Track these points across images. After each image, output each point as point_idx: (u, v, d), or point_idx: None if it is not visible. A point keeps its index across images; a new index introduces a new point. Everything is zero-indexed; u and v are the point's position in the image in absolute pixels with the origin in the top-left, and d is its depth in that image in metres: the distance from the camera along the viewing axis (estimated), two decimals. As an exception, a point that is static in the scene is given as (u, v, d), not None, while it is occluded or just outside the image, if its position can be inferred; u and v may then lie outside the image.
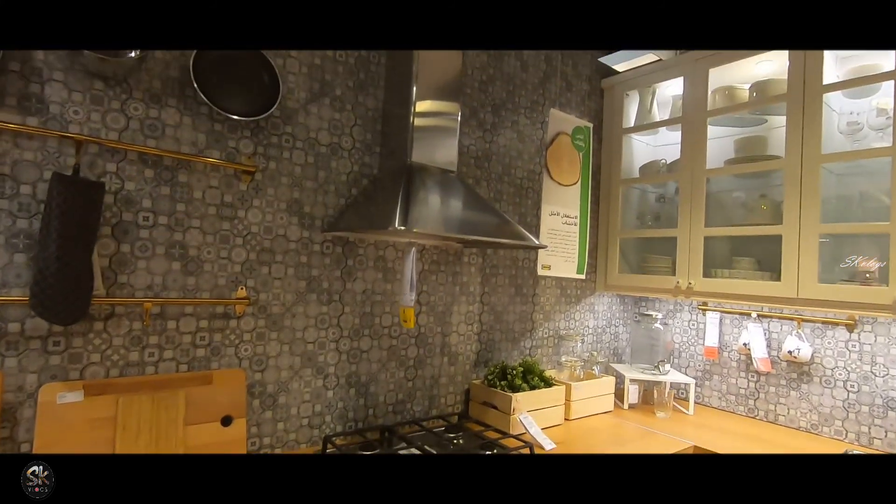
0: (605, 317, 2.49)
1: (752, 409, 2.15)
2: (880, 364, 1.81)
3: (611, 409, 2.11)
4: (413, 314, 1.42)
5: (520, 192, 2.06)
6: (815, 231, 1.70)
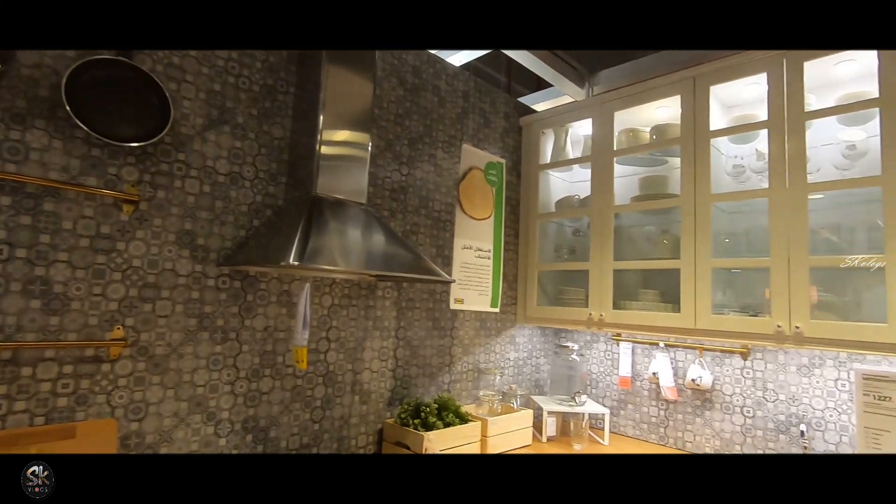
0: (526, 349, 2.50)
1: (663, 437, 2.21)
2: (770, 389, 1.93)
3: (529, 442, 2.10)
4: (305, 354, 1.35)
5: (437, 225, 2.06)
6: (708, 265, 1.81)
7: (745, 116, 1.91)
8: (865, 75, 1.68)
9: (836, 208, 1.76)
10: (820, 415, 1.81)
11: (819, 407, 1.81)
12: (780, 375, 1.91)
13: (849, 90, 1.69)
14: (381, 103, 1.88)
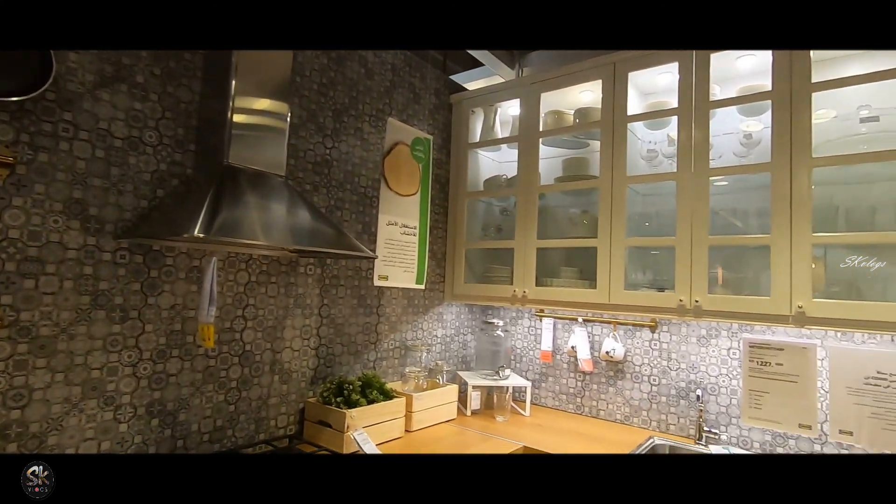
0: (454, 326, 2.54)
1: (580, 406, 2.34)
2: (674, 359, 2.09)
3: (454, 416, 2.15)
4: (213, 332, 1.28)
5: (363, 201, 2.01)
6: (622, 244, 1.91)
7: (658, 103, 2.02)
8: (763, 70, 1.82)
9: (735, 193, 1.92)
10: (714, 380, 1.99)
11: (714, 374, 1.99)
12: (683, 346, 2.08)
13: (748, 83, 1.83)
14: (302, 71, 1.79)
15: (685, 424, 2.04)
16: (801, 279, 1.54)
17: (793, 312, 1.55)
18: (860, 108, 1.63)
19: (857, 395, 1.49)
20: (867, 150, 1.55)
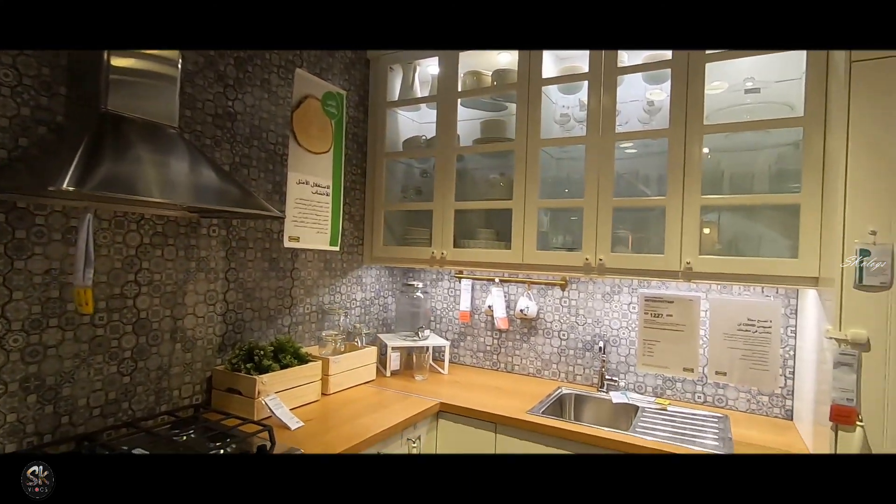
0: (374, 289, 2.52)
1: (496, 363, 2.45)
2: (581, 315, 2.23)
3: (374, 378, 2.16)
4: (91, 296, 1.16)
5: (273, 159, 1.90)
6: (535, 206, 1.97)
7: (572, 67, 2.06)
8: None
9: (641, 158, 2.03)
10: (616, 333, 2.15)
11: (616, 327, 2.15)
12: (589, 302, 2.21)
13: (654, 51, 1.91)
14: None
15: (590, 374, 2.21)
16: (691, 238, 1.68)
17: (682, 268, 1.70)
18: (746, 80, 1.77)
19: (731, 339, 1.68)
20: (749, 120, 1.70)
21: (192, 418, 1.52)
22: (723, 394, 1.94)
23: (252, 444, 1.34)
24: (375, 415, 1.71)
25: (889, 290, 1.25)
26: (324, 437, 1.49)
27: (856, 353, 1.28)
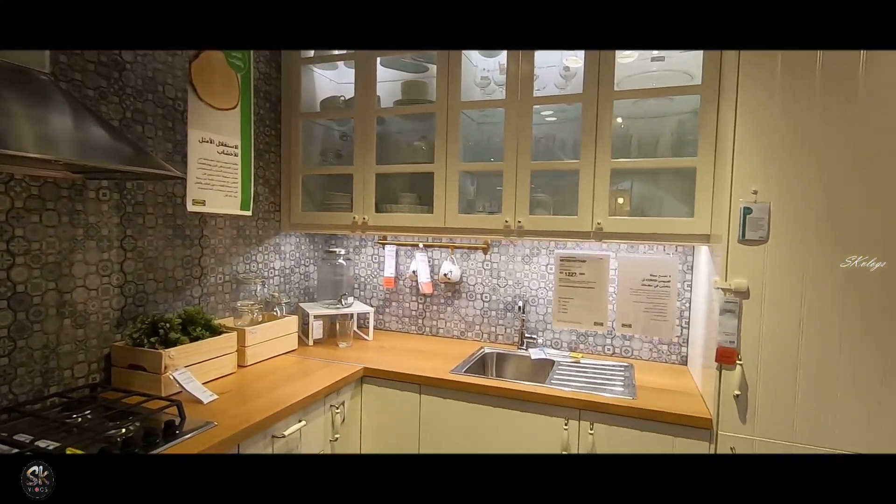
0: (294, 257, 2.43)
1: (421, 327, 2.47)
2: (503, 277, 2.30)
3: (295, 347, 2.10)
4: None
5: (172, 116, 1.73)
6: (456, 169, 1.97)
7: (492, 30, 2.04)
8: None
9: (559, 123, 2.08)
10: (535, 293, 2.24)
11: (534, 287, 2.24)
12: (510, 265, 2.28)
13: (569, 16, 1.94)
14: (67, -61, 1.39)
15: (511, 334, 2.30)
16: (601, 200, 1.77)
17: (594, 229, 1.79)
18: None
19: (636, 294, 1.82)
20: (655, 87, 1.79)
21: (88, 398, 1.40)
22: (629, 345, 2.11)
23: (159, 421, 1.26)
24: (296, 383, 1.67)
25: (766, 244, 1.40)
26: (240, 408, 1.44)
27: (738, 301, 1.43)
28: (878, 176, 1.30)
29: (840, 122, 1.32)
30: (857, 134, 1.31)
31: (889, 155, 1.29)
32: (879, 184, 1.30)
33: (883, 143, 1.29)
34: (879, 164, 1.29)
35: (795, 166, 1.37)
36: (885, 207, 1.29)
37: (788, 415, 1.39)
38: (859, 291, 1.32)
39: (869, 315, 1.32)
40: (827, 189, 1.34)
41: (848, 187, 1.32)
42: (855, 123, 1.31)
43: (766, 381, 1.41)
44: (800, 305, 1.37)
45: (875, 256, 1.31)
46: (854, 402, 1.33)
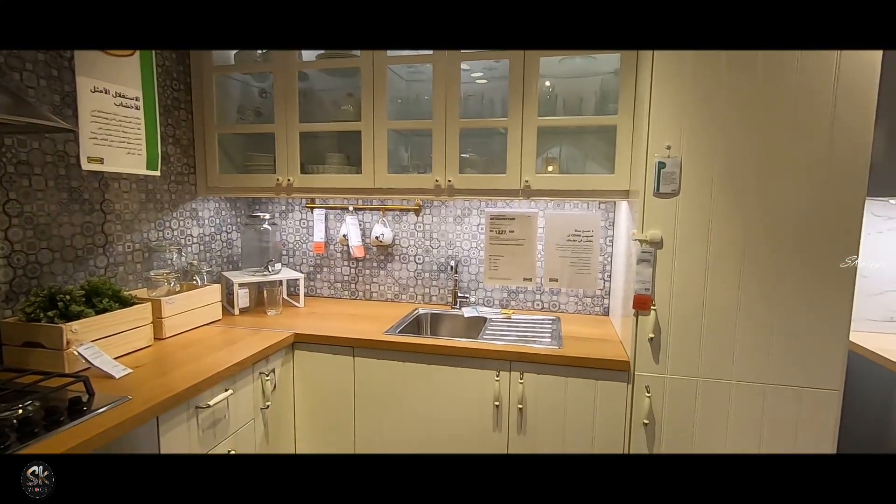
0: (214, 223, 2.28)
1: (354, 292, 2.43)
2: (435, 238, 2.30)
3: (220, 318, 2.00)
4: None
5: (57, 63, 1.52)
6: (385, 127, 1.92)
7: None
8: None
9: (489, 81, 2.06)
10: (467, 254, 2.27)
11: (466, 248, 2.26)
12: (442, 226, 2.28)
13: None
14: None
15: (444, 294, 2.32)
16: (529, 157, 1.80)
17: (522, 186, 1.82)
18: (577, 7, 1.87)
19: (562, 249, 1.89)
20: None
21: (-26, 381, 1.25)
22: (556, 300, 2.20)
23: (63, 399, 1.16)
24: (222, 352, 1.60)
25: (677, 197, 1.49)
26: (158, 380, 1.35)
27: (653, 251, 1.52)
28: (768, 142, 1.41)
29: (740, 94, 1.42)
30: (753, 105, 1.42)
31: (777, 126, 1.40)
32: (769, 148, 1.41)
33: (774, 116, 1.40)
34: (770, 133, 1.41)
35: (702, 128, 1.45)
36: (772, 168, 1.41)
37: (695, 353, 1.52)
38: (754, 239, 1.45)
39: (761, 260, 1.45)
40: (728, 149, 1.44)
41: (745, 149, 1.43)
42: (752, 96, 1.41)
43: (676, 323, 1.53)
44: (705, 253, 1.49)
45: (765, 208, 1.44)
46: (749, 337, 1.48)
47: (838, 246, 1.41)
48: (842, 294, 1.42)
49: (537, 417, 1.66)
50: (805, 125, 1.39)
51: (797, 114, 1.39)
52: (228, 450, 1.50)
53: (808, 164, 1.40)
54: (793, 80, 1.38)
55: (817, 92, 1.37)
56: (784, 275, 1.44)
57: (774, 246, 1.44)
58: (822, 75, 1.37)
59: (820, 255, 1.42)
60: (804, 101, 1.38)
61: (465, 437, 1.73)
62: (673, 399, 1.55)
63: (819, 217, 1.41)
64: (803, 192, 1.41)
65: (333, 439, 1.85)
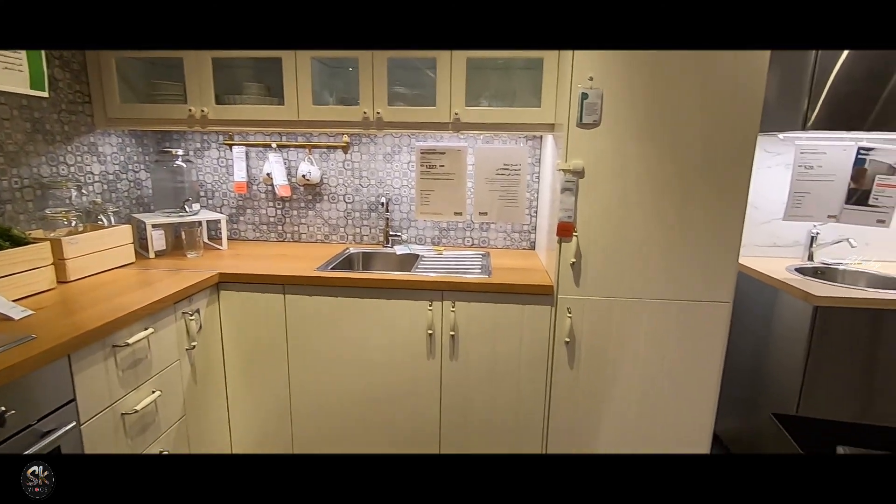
0: (118, 161, 2.07)
1: (282, 234, 2.35)
2: (365, 177, 2.26)
3: (133, 261, 1.86)
4: None
5: None
6: (307, 55, 1.81)
7: None
8: None
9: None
10: (398, 192, 2.25)
11: (398, 185, 2.25)
12: (372, 164, 2.24)
13: None
14: None
15: (376, 233, 2.31)
16: (458, 90, 1.78)
17: (451, 120, 1.81)
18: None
19: (491, 183, 1.93)
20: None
21: None
22: (486, 236, 2.27)
23: (-49, 340, 1.05)
24: (138, 292, 1.50)
25: (598, 128, 1.56)
26: (67, 320, 1.25)
27: (575, 180, 1.60)
28: (678, 76, 1.50)
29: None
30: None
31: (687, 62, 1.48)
32: (679, 83, 1.50)
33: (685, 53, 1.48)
34: (680, 67, 1.49)
35: (623, 61, 1.51)
36: (682, 101, 1.51)
37: (611, 275, 1.65)
38: (665, 169, 1.56)
39: (671, 188, 1.58)
40: (644, 82, 1.52)
41: (658, 82, 1.51)
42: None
43: (595, 248, 1.64)
44: (623, 181, 1.59)
45: (675, 140, 1.55)
46: (659, 259, 1.62)
47: (734, 175, 1.56)
48: (734, 219, 1.59)
49: (468, 343, 1.75)
50: (712, 62, 1.49)
51: (705, 51, 1.48)
52: (153, 390, 1.44)
53: (713, 99, 1.51)
54: (703, 15, 1.46)
55: (724, 27, 1.47)
56: (690, 202, 1.58)
57: (682, 176, 1.57)
58: (729, 11, 1.46)
59: (719, 184, 1.57)
60: (712, 36, 1.47)
61: (400, 366, 1.78)
62: (592, 318, 1.68)
63: (720, 149, 1.55)
64: (707, 125, 1.53)
65: (268, 377, 1.83)
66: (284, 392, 1.84)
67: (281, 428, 1.87)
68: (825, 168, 1.87)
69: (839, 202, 1.88)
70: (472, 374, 1.77)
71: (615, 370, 1.71)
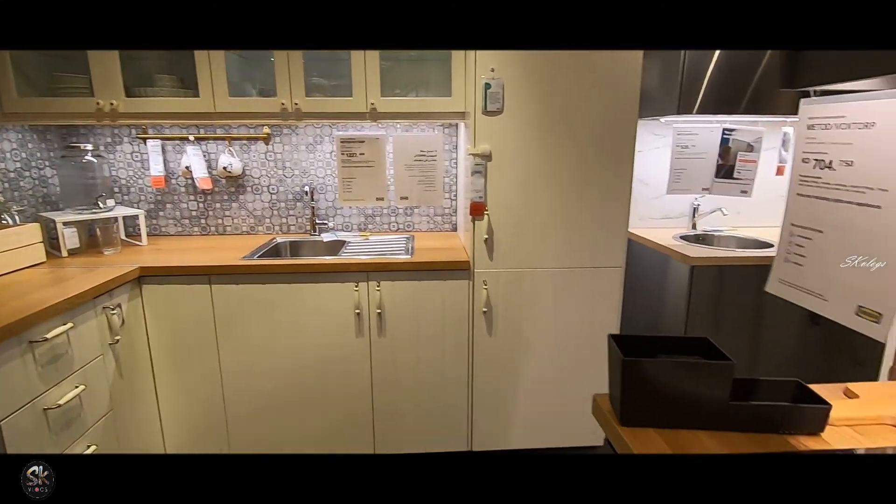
0: (19, 157, 1.98)
1: (206, 227, 2.34)
2: (288, 167, 2.29)
3: (44, 260, 1.80)
4: None
5: None
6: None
7: None
8: None
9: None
10: (322, 181, 2.31)
11: (321, 175, 2.31)
12: (295, 154, 2.28)
13: None
14: None
15: (303, 222, 2.36)
16: (373, 80, 1.88)
17: (368, 109, 1.90)
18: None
19: (410, 169, 2.05)
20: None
21: None
22: (410, 220, 2.39)
23: None
24: (52, 290, 1.48)
25: (502, 115, 1.72)
26: (-24, 319, 1.23)
27: (484, 163, 1.75)
28: (570, 68, 1.69)
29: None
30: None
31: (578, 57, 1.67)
32: (571, 74, 1.69)
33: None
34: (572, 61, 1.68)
35: (520, 55, 1.67)
36: (575, 90, 1.70)
37: (520, 248, 1.82)
38: (564, 151, 1.75)
39: (569, 168, 1.77)
40: (542, 74, 1.69)
41: (554, 73, 1.69)
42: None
43: (505, 224, 1.80)
44: (526, 163, 1.76)
45: (570, 125, 1.74)
46: (561, 231, 1.82)
47: (621, 156, 1.78)
48: (623, 193, 1.81)
49: (395, 320, 1.86)
50: (594, 58, 1.69)
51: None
52: (76, 385, 1.44)
53: (598, 89, 1.72)
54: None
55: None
56: (584, 180, 1.78)
57: (577, 157, 1.76)
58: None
59: (608, 164, 1.78)
60: (594, 32, 1.67)
61: (331, 347, 1.87)
62: (505, 288, 1.85)
63: (607, 133, 1.76)
64: (595, 112, 1.74)
65: (198, 369, 1.85)
66: (216, 382, 1.87)
67: (214, 418, 1.90)
68: (698, 147, 2.16)
69: (710, 176, 2.17)
70: (400, 348, 1.89)
71: (529, 334, 1.90)
